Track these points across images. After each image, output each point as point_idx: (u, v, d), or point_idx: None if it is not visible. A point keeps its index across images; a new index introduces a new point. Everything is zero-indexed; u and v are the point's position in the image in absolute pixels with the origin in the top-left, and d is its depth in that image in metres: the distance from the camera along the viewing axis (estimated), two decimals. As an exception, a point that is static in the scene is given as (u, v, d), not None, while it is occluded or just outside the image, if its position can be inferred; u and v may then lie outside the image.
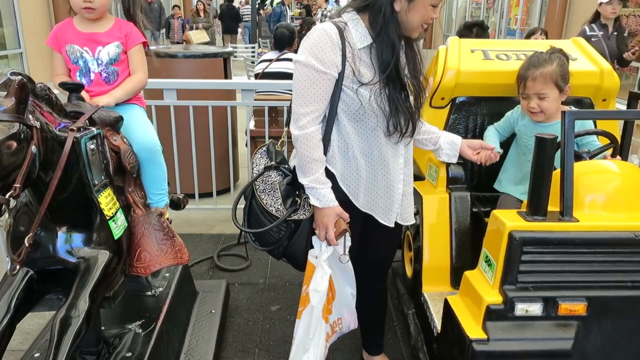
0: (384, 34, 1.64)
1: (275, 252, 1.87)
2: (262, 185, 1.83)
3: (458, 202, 2.30)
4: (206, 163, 3.88)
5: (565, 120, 1.67)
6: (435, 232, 2.31)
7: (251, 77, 7.05)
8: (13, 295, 1.55)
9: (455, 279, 2.21)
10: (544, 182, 1.64)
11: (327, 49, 1.63)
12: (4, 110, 1.31)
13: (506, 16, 13.02)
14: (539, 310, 1.62)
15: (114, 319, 2.12)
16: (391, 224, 1.85)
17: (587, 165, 1.88)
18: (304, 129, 1.68)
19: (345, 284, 1.91)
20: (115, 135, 1.86)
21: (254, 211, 1.84)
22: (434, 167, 2.46)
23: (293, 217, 1.77)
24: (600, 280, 1.64)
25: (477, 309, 1.70)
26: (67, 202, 1.58)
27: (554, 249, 1.64)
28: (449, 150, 2.02)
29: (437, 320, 2.07)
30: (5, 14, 7.32)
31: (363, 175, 1.76)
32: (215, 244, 3.61)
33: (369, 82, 1.66)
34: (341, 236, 1.74)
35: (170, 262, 1.91)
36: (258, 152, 1.91)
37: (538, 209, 1.67)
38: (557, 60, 2.10)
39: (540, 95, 2.09)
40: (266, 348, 2.52)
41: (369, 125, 1.71)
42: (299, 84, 1.67)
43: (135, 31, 2.09)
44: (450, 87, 2.39)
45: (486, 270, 1.75)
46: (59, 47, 2.03)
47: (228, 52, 4.53)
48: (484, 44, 2.58)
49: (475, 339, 1.63)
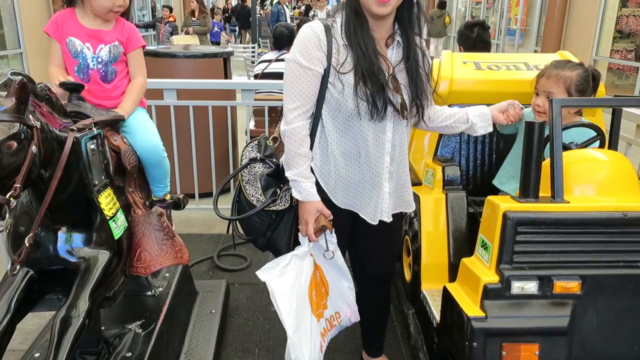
0: (345, 14, 1.69)
1: (259, 241, 1.92)
2: (247, 175, 1.90)
3: (454, 201, 2.35)
4: (206, 163, 3.88)
5: (552, 107, 1.73)
6: (433, 232, 2.35)
7: (251, 77, 7.05)
8: (13, 295, 1.55)
9: (453, 276, 2.23)
10: (534, 166, 1.69)
11: (312, 46, 1.66)
12: (4, 111, 1.31)
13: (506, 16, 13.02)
14: (535, 289, 1.67)
15: (114, 319, 2.12)
16: (375, 222, 1.84)
17: (576, 154, 1.92)
18: (291, 123, 1.72)
19: (340, 279, 1.92)
20: (115, 135, 1.86)
21: (240, 201, 1.92)
22: (430, 170, 2.51)
23: (272, 208, 1.84)
24: (593, 259, 1.69)
25: (474, 290, 1.74)
26: (67, 202, 1.58)
27: (547, 229, 1.68)
28: (481, 122, 1.98)
29: (436, 313, 2.11)
30: (5, 14, 7.32)
31: (342, 174, 1.78)
32: (215, 244, 3.61)
33: (348, 68, 1.67)
34: (321, 233, 1.77)
35: (171, 262, 1.92)
36: (249, 145, 1.98)
37: (530, 193, 1.72)
38: (580, 71, 2.08)
39: (549, 95, 2.09)
40: (266, 348, 2.52)
41: (350, 119, 1.72)
42: (287, 80, 1.72)
43: (137, 34, 2.07)
44: (445, 95, 2.45)
45: (482, 254, 1.80)
46: (59, 37, 1.97)
47: (228, 52, 4.54)
48: (475, 56, 2.69)
49: (474, 317, 1.67)
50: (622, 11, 8.78)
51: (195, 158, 3.81)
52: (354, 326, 2.13)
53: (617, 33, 8.83)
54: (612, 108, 2.27)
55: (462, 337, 1.71)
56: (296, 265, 1.78)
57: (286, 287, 1.74)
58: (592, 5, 8.96)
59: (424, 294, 2.28)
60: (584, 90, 2.08)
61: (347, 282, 1.94)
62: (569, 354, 1.68)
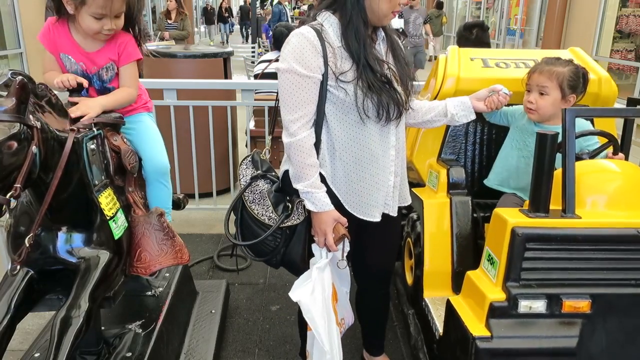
0: (351, 24, 1.65)
1: (273, 260, 1.84)
2: (251, 195, 1.81)
3: (459, 206, 2.29)
4: (206, 163, 3.88)
5: (566, 117, 1.68)
6: (436, 237, 2.29)
7: (251, 77, 7.05)
8: (13, 295, 1.55)
9: (456, 284, 2.19)
10: (545, 179, 1.64)
11: (309, 53, 1.62)
12: (4, 111, 1.31)
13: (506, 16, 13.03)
14: (543, 308, 1.62)
15: (114, 319, 2.12)
16: (376, 219, 1.82)
17: (588, 165, 1.87)
18: (295, 135, 1.66)
19: (341, 285, 1.91)
20: (115, 135, 1.86)
21: (246, 223, 1.82)
22: (434, 173, 2.46)
23: (287, 224, 1.75)
24: (604, 277, 1.63)
25: (480, 307, 1.69)
26: (67, 202, 1.58)
27: (557, 246, 1.63)
28: (462, 111, 1.94)
29: (438, 324, 2.06)
30: (5, 14, 7.32)
31: (352, 177, 1.75)
32: (215, 244, 3.61)
33: (350, 75, 1.65)
34: (340, 241, 1.72)
35: (171, 262, 1.91)
36: (243, 162, 1.89)
37: (540, 206, 1.66)
38: (572, 67, 2.08)
39: (541, 90, 2.08)
40: (266, 348, 2.52)
41: (357, 121, 1.70)
42: (285, 91, 1.66)
43: (130, 47, 1.91)
44: (450, 93, 2.40)
45: (489, 269, 1.74)
46: (53, 50, 1.87)
47: (228, 52, 4.53)
48: (483, 52, 2.61)
49: (479, 337, 1.62)
50: (622, 11, 8.78)
51: (195, 158, 3.81)
52: (354, 326, 2.13)
53: (617, 33, 8.83)
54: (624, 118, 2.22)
55: (466, 356, 1.66)
56: (320, 277, 1.72)
57: (318, 303, 1.67)
58: (592, 5, 8.96)
59: (426, 302, 2.24)
60: (576, 86, 2.08)
61: (345, 287, 1.93)
62: None
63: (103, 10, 1.73)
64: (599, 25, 8.87)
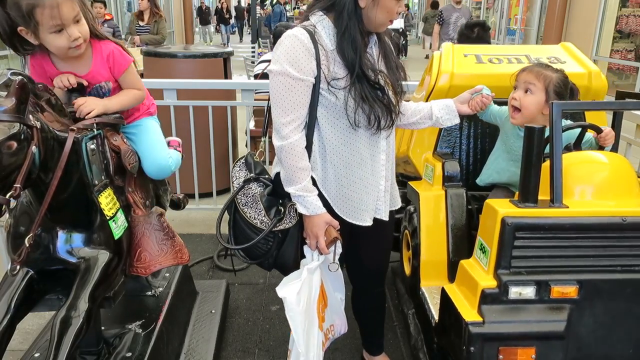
0: (347, 33, 1.63)
1: (266, 263, 1.84)
2: (243, 198, 1.80)
3: (454, 198, 2.34)
4: (206, 163, 3.88)
5: (553, 110, 1.73)
6: (432, 228, 2.35)
7: (251, 77, 7.05)
8: (13, 295, 1.55)
9: (452, 273, 2.23)
10: (533, 171, 1.69)
11: (302, 56, 1.60)
12: (4, 111, 1.31)
13: (506, 16, 13.04)
14: (532, 294, 1.67)
15: (114, 319, 2.12)
16: (367, 223, 1.82)
17: (575, 156, 1.91)
18: (287, 138, 1.65)
19: (334, 290, 1.91)
20: (115, 135, 1.86)
21: (238, 225, 1.81)
22: (430, 166, 2.50)
23: (279, 227, 1.74)
24: (591, 264, 1.69)
25: (472, 293, 1.74)
26: (67, 202, 1.58)
27: (545, 234, 1.69)
28: (447, 114, 1.95)
29: (434, 312, 2.11)
30: (5, 14, 7.29)
31: (343, 182, 1.75)
32: (215, 244, 3.60)
33: (343, 83, 1.65)
34: (332, 244, 1.72)
35: (171, 262, 1.91)
36: (236, 165, 1.88)
37: (529, 197, 1.72)
38: (562, 75, 2.08)
39: (527, 87, 2.07)
40: (266, 348, 2.52)
41: (348, 125, 1.69)
42: (277, 94, 1.64)
43: (119, 56, 1.83)
44: (445, 89, 2.44)
45: (481, 257, 1.80)
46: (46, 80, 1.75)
47: (228, 52, 4.54)
48: (476, 49, 2.65)
49: (471, 322, 1.67)
50: (622, 11, 8.79)
51: (195, 158, 3.81)
52: (354, 326, 2.13)
53: (617, 33, 8.84)
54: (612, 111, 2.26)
55: (459, 340, 1.72)
56: (309, 279, 1.72)
57: (302, 303, 1.68)
58: (592, 5, 8.96)
59: (423, 291, 2.29)
60: (561, 93, 2.06)
61: (340, 293, 1.93)
62: (565, 356, 1.69)
63: (55, 20, 1.59)
64: (598, 25, 8.88)
